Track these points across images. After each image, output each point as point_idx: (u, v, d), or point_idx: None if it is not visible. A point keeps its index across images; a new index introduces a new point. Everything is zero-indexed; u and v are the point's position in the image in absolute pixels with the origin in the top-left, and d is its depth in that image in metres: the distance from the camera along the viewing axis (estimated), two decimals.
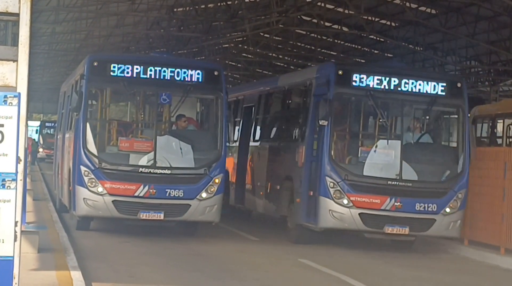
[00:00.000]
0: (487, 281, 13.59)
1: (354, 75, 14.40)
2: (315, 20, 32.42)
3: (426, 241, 16.48)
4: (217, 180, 15.62)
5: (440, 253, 16.40)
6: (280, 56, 42.07)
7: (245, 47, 40.27)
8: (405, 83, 14.50)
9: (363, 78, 14.38)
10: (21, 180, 5.99)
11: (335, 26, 32.98)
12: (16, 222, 5.54)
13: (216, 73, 16.36)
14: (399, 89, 14.50)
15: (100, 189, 15.17)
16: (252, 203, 18.47)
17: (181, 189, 15.36)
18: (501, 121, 19.74)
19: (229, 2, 29.72)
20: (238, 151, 20.02)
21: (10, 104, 5.53)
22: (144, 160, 15.45)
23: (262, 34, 34.49)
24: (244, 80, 45.32)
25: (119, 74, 15.81)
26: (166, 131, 16.07)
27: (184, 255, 14.20)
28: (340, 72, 14.35)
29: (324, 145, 14.07)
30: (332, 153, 14.08)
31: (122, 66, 15.86)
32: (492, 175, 15.39)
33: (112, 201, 15.13)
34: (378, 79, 14.41)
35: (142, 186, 15.18)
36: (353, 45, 36.76)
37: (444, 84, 14.79)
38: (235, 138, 20.84)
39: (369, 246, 15.88)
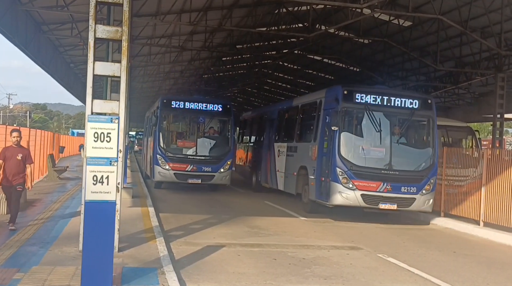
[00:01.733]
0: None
1: (356, 94, 11.23)
2: (273, 82, 33.10)
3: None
4: (229, 162, 15.38)
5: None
6: (256, 99, 41.69)
7: (238, 95, 39.97)
8: (392, 100, 11.39)
9: (362, 96, 11.23)
10: (121, 161, 5.88)
11: (284, 85, 33.25)
12: (118, 182, 5.38)
13: (228, 106, 16.14)
14: (388, 104, 11.35)
15: (167, 167, 14.92)
16: (274, 182, 15.07)
17: (210, 167, 15.08)
18: None
19: (231, 73, 29.81)
20: (263, 148, 16.65)
21: (114, 122, 5.37)
22: (190, 152, 15.23)
23: (247, 88, 34.60)
24: (238, 112, 45.24)
25: (176, 106, 15.62)
26: (202, 136, 15.71)
27: (208, 200, 14.09)
28: (345, 92, 11.24)
29: (335, 144, 10.96)
30: (341, 150, 10.92)
31: (178, 102, 15.71)
32: None
33: (174, 173, 14.90)
34: (373, 97, 11.26)
35: (189, 165, 14.96)
36: (293, 94, 36.06)
37: (418, 101, 11.59)
38: (261, 140, 17.34)
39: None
